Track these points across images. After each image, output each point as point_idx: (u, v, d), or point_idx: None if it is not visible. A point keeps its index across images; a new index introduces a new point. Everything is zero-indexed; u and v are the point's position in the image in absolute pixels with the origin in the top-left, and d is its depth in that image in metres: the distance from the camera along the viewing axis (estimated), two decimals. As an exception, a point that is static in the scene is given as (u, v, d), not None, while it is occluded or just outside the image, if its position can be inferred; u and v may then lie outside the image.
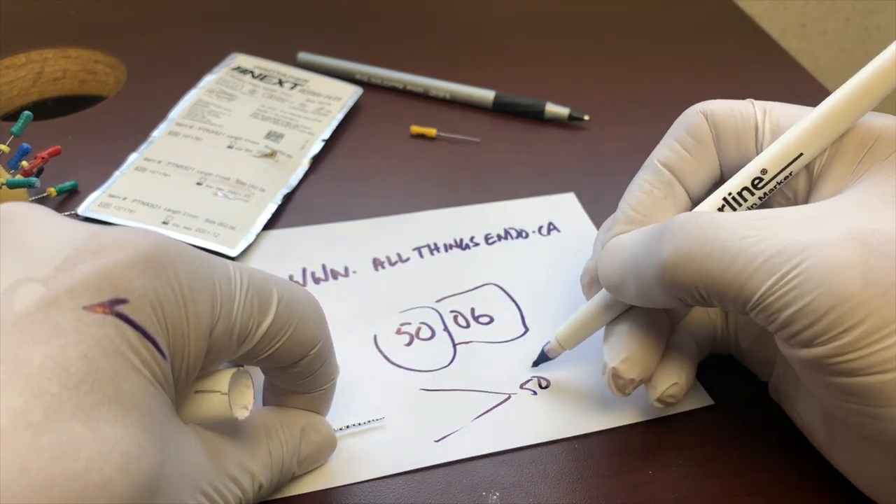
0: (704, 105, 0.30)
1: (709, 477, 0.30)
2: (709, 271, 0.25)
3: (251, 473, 0.25)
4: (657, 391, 0.31)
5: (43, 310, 0.19)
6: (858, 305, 0.23)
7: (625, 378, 0.30)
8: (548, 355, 0.33)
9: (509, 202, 0.43)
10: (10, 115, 0.50)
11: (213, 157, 0.43)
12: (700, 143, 0.30)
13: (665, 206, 0.30)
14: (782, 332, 0.25)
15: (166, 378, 0.21)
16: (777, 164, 0.28)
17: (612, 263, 0.29)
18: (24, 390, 0.18)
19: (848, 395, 0.24)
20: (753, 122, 0.29)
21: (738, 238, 0.25)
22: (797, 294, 0.24)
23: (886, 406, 0.23)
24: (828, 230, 0.24)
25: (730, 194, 0.28)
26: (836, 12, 0.95)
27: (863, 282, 0.23)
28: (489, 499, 0.29)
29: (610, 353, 0.30)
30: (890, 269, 0.23)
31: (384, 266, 0.39)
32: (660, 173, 0.30)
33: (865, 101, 0.27)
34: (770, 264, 0.24)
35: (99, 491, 0.17)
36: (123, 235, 0.21)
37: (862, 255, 0.23)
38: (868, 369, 0.23)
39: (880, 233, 0.24)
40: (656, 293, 0.27)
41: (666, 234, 0.26)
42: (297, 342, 0.25)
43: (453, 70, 0.52)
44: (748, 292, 0.25)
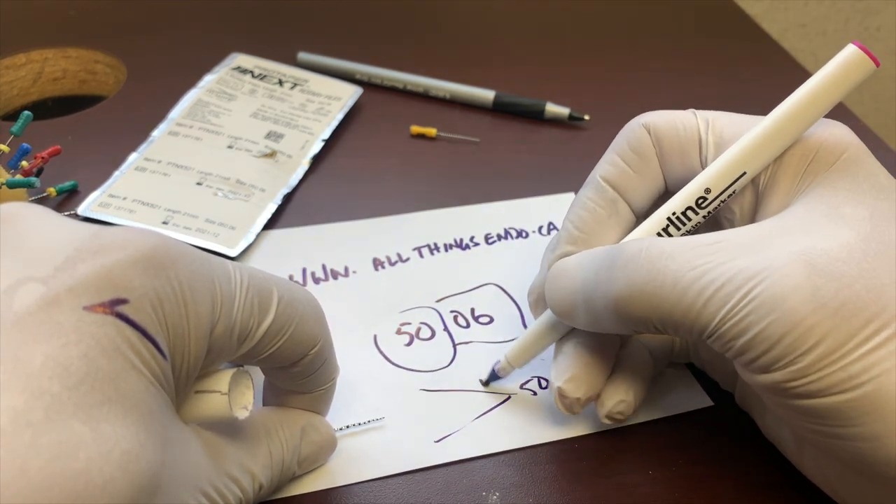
0: (647, 118, 0.30)
1: (709, 477, 0.30)
2: (661, 304, 0.25)
3: (251, 473, 0.25)
4: (605, 408, 0.31)
5: (43, 309, 0.19)
6: (810, 329, 0.23)
7: (570, 397, 0.30)
8: (498, 374, 0.33)
9: (509, 202, 0.43)
10: (10, 115, 0.50)
11: (213, 157, 0.43)
12: (642, 159, 0.30)
13: (608, 224, 0.30)
14: (740, 359, 0.25)
15: (166, 378, 0.21)
16: (720, 182, 0.28)
17: (559, 290, 0.29)
18: (24, 390, 0.17)
19: (808, 416, 0.24)
20: (696, 135, 0.29)
21: (690, 268, 0.25)
22: (750, 322, 0.24)
23: (846, 426, 0.23)
24: (775, 254, 0.24)
25: (674, 214, 0.28)
26: (836, 12, 0.95)
27: (812, 305, 0.23)
28: (489, 499, 0.29)
29: (556, 372, 0.30)
30: (838, 289, 0.23)
31: (384, 266, 0.39)
32: (603, 191, 0.30)
33: (807, 116, 0.27)
34: (721, 294, 0.24)
35: (99, 490, 0.17)
36: (123, 235, 0.21)
37: (809, 277, 0.23)
38: (825, 391, 0.23)
39: (826, 252, 0.24)
40: (608, 323, 0.28)
41: (617, 266, 0.26)
42: (298, 342, 0.25)
43: (453, 70, 0.52)
44: (702, 323, 0.25)
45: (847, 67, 0.26)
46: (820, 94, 0.27)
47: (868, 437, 0.23)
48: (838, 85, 0.27)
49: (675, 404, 0.33)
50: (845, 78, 0.26)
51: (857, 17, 0.96)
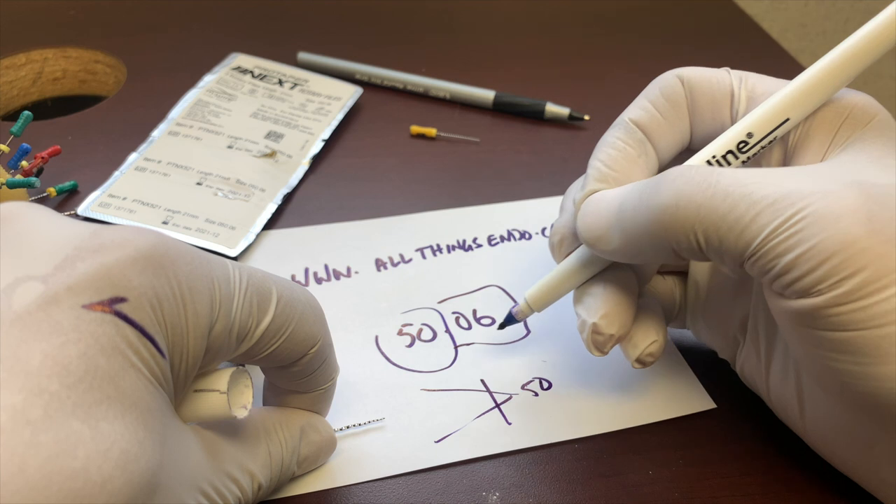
0: (681, 70, 0.30)
1: (709, 477, 0.30)
2: (709, 214, 0.25)
3: (250, 473, 0.25)
4: (638, 349, 0.30)
5: (42, 308, 0.19)
6: (862, 251, 0.22)
7: (605, 334, 0.29)
8: (515, 317, 0.33)
9: (512, 203, 0.43)
10: (10, 115, 0.50)
11: (213, 157, 0.43)
12: (674, 106, 0.29)
13: (638, 164, 0.29)
14: (778, 282, 0.24)
15: (165, 377, 0.21)
16: (763, 127, 0.27)
17: (594, 214, 0.28)
18: (23, 388, 0.17)
19: (839, 352, 0.23)
20: (729, 89, 0.29)
21: (741, 184, 0.24)
22: (800, 238, 0.23)
23: (880, 363, 0.23)
24: (828, 179, 0.24)
25: (714, 157, 0.28)
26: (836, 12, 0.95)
27: (867, 228, 0.23)
28: (489, 499, 0.29)
29: (587, 310, 0.30)
30: (892, 219, 0.23)
31: (386, 267, 0.39)
32: (631, 131, 0.29)
33: (851, 67, 0.27)
34: (773, 208, 0.24)
35: (98, 489, 0.17)
36: (123, 234, 0.21)
37: (865, 203, 0.23)
38: (864, 323, 0.23)
39: (879, 185, 0.24)
40: (645, 242, 0.27)
41: (665, 181, 0.26)
42: (297, 341, 0.25)
43: (453, 70, 0.53)
44: (749, 236, 0.24)
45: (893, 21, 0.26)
46: (867, 43, 0.26)
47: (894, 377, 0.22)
48: (885, 36, 0.26)
49: (678, 406, 0.33)
50: (891, 32, 0.26)
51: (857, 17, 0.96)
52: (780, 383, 0.29)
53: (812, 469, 0.30)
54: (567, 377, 0.34)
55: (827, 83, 0.27)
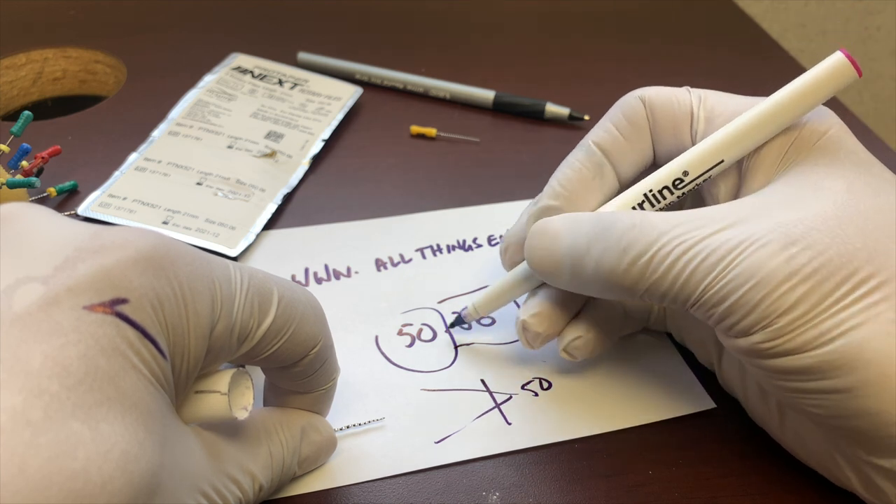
0: (643, 90, 0.31)
1: (709, 477, 0.30)
2: (651, 275, 0.27)
3: (251, 474, 0.25)
4: (563, 341, 0.32)
5: (43, 309, 0.19)
6: (785, 294, 0.25)
7: (532, 331, 0.32)
8: (463, 319, 0.35)
9: (512, 203, 0.43)
10: (10, 115, 0.50)
11: (213, 157, 0.43)
12: (635, 128, 0.31)
13: (592, 186, 0.31)
14: (721, 325, 0.26)
15: (166, 378, 0.21)
16: (697, 167, 0.29)
17: (542, 249, 0.30)
18: (23, 389, 0.17)
19: (785, 374, 0.26)
20: (689, 110, 0.30)
21: (678, 242, 0.26)
22: (729, 290, 0.25)
23: (820, 380, 0.25)
24: (755, 227, 0.26)
25: (650, 191, 0.30)
26: (836, 12, 0.95)
27: (786, 272, 0.25)
28: (489, 499, 0.29)
29: (524, 308, 0.32)
30: (812, 257, 0.25)
31: (386, 267, 0.39)
32: (591, 153, 0.31)
33: (786, 115, 0.28)
34: (706, 265, 0.26)
35: (98, 490, 0.17)
36: (123, 235, 0.21)
37: (785, 248, 0.25)
38: (799, 349, 0.25)
39: (801, 221, 0.26)
40: (595, 289, 0.29)
41: (611, 235, 0.28)
42: (298, 342, 0.25)
43: (453, 70, 0.53)
44: (688, 292, 0.26)
45: (831, 73, 0.28)
46: (802, 95, 0.28)
47: (840, 390, 0.24)
48: (820, 89, 0.28)
49: (677, 406, 0.33)
50: (828, 83, 0.28)
51: (857, 17, 0.96)
52: (759, 399, 0.30)
53: (811, 469, 0.30)
54: (567, 377, 0.34)
55: (760, 128, 0.28)
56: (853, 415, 0.25)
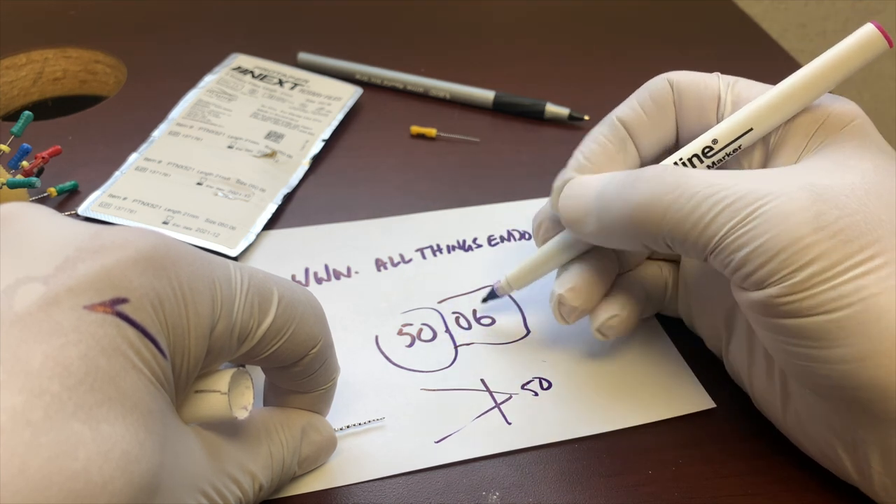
0: (672, 73, 0.32)
1: (709, 477, 0.30)
2: (675, 215, 0.27)
3: (251, 474, 0.25)
4: (598, 320, 0.32)
5: (43, 309, 0.19)
6: (808, 247, 0.24)
7: (568, 305, 0.32)
8: (496, 293, 0.36)
9: (512, 203, 0.43)
10: (10, 115, 0.50)
11: (213, 157, 0.43)
12: (659, 108, 0.31)
13: (616, 159, 0.32)
14: (737, 274, 0.26)
15: (166, 378, 0.21)
16: (727, 136, 0.29)
17: (575, 198, 0.31)
18: (23, 389, 0.17)
19: (795, 337, 0.25)
20: (716, 93, 0.31)
21: (707, 185, 0.27)
22: (752, 236, 0.25)
23: (830, 347, 0.24)
24: (786, 182, 0.26)
25: (680, 158, 0.30)
26: (836, 12, 0.95)
27: (813, 226, 0.25)
28: (489, 499, 0.29)
29: (559, 283, 0.32)
30: (839, 216, 0.25)
31: (386, 267, 0.39)
32: (616, 128, 0.32)
33: (817, 86, 0.28)
34: (732, 209, 0.26)
35: (98, 490, 0.17)
36: (124, 235, 0.21)
37: (814, 203, 0.25)
38: (814, 309, 0.24)
39: (833, 187, 0.26)
40: (619, 232, 0.29)
41: (641, 179, 0.28)
42: (298, 342, 0.25)
43: (453, 70, 0.52)
44: (709, 234, 0.26)
45: (861, 44, 0.28)
46: (832, 66, 0.28)
47: (850, 358, 0.24)
48: (850, 60, 0.28)
49: (678, 406, 0.33)
50: (858, 54, 0.28)
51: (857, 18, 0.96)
52: (764, 379, 0.30)
53: (811, 469, 0.30)
54: (567, 377, 0.34)
55: (792, 99, 0.29)
56: (861, 385, 0.24)
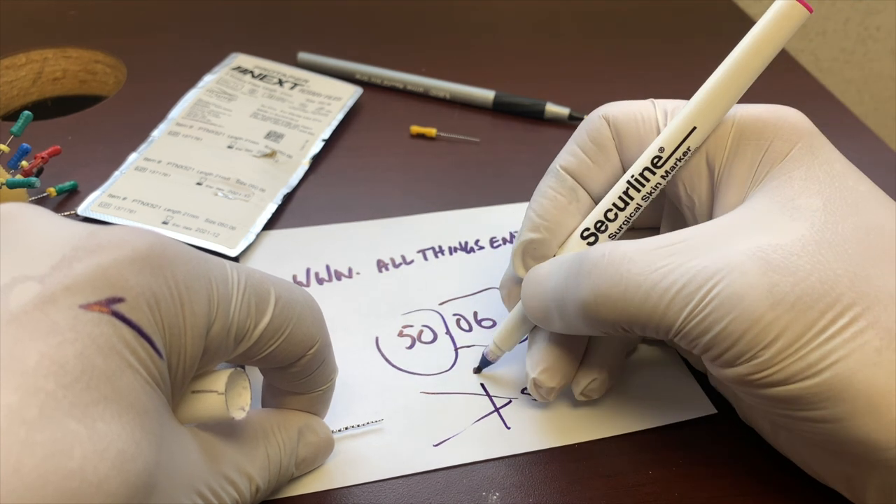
0: (606, 109, 0.31)
1: (708, 477, 0.30)
2: (626, 307, 0.26)
3: (248, 476, 0.25)
4: (579, 387, 0.31)
5: (39, 308, 0.19)
6: (769, 325, 0.24)
7: (545, 387, 0.31)
8: (488, 359, 0.34)
9: (514, 205, 0.43)
10: (10, 115, 0.50)
11: (213, 157, 0.43)
12: (601, 149, 0.31)
13: (569, 210, 0.31)
14: (705, 356, 0.26)
15: (163, 377, 0.21)
16: (673, 140, 0.29)
17: (534, 296, 0.30)
18: (19, 387, 0.17)
19: (775, 403, 0.25)
20: (654, 124, 0.30)
21: (651, 271, 0.26)
22: (712, 321, 0.25)
23: (810, 409, 0.24)
24: (733, 251, 0.25)
25: (632, 177, 0.29)
26: (836, 12, 0.95)
27: (769, 301, 0.24)
28: (489, 499, 0.29)
29: (531, 363, 0.32)
30: (793, 284, 0.24)
31: (388, 268, 0.39)
32: (563, 179, 0.31)
33: (749, 69, 0.28)
34: (683, 294, 0.25)
35: (94, 489, 0.17)
36: (120, 234, 0.21)
37: (765, 274, 0.24)
38: (788, 380, 0.24)
39: (781, 247, 0.25)
40: (582, 327, 0.28)
41: (582, 273, 0.27)
42: (295, 342, 0.25)
43: (453, 70, 0.52)
44: (667, 324, 0.26)
45: (782, 16, 0.27)
46: (759, 46, 0.28)
47: (831, 420, 0.24)
48: (774, 34, 0.27)
49: (679, 412, 0.33)
50: (780, 27, 0.27)
51: (857, 17, 0.96)
52: (752, 410, 0.30)
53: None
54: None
55: (727, 88, 0.28)
56: (845, 441, 0.24)
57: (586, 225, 0.30)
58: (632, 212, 0.30)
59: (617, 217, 0.30)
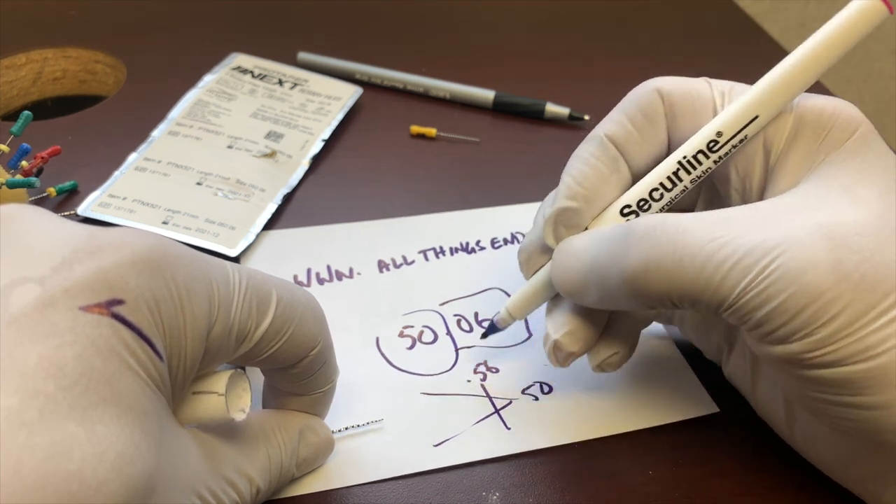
0: (660, 82, 0.29)
1: (709, 477, 0.30)
2: (680, 277, 0.25)
3: (249, 478, 0.25)
4: (598, 357, 0.30)
5: (39, 310, 0.19)
6: (831, 301, 0.23)
7: (565, 351, 0.30)
8: (497, 326, 0.33)
9: (515, 206, 0.43)
10: (9, 115, 0.50)
11: (212, 157, 0.43)
12: (650, 121, 0.29)
13: (609, 181, 0.29)
14: (757, 331, 0.25)
15: (162, 379, 0.21)
16: (732, 126, 0.27)
17: (569, 268, 0.29)
18: (18, 390, 0.17)
19: (821, 386, 0.24)
20: (711, 104, 0.29)
21: (707, 241, 0.25)
22: (770, 294, 0.24)
23: (859, 394, 0.24)
24: (794, 227, 0.24)
25: (685, 157, 0.28)
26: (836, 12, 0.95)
27: (834, 277, 0.23)
28: (489, 499, 0.29)
29: (553, 325, 0.30)
30: (858, 262, 0.23)
31: (389, 268, 0.39)
32: (605, 147, 0.29)
33: (819, 62, 0.27)
34: (741, 266, 0.24)
35: (93, 492, 0.17)
36: (120, 236, 0.21)
37: (830, 251, 0.24)
38: (842, 361, 0.23)
39: (844, 226, 0.24)
40: (623, 300, 0.27)
41: (632, 242, 0.26)
42: (297, 343, 0.25)
43: (453, 70, 0.52)
44: (721, 296, 0.25)
45: (861, 13, 0.26)
46: (833, 40, 0.26)
47: (878, 406, 0.23)
48: (851, 31, 0.26)
49: (680, 410, 0.33)
50: (858, 24, 0.26)
51: (859, 17, 0.96)
52: (768, 398, 0.30)
53: (811, 470, 0.30)
54: (569, 381, 0.34)
55: (795, 79, 0.27)
56: (888, 430, 0.24)
57: (627, 202, 0.29)
58: (678, 193, 0.28)
59: (662, 197, 0.28)
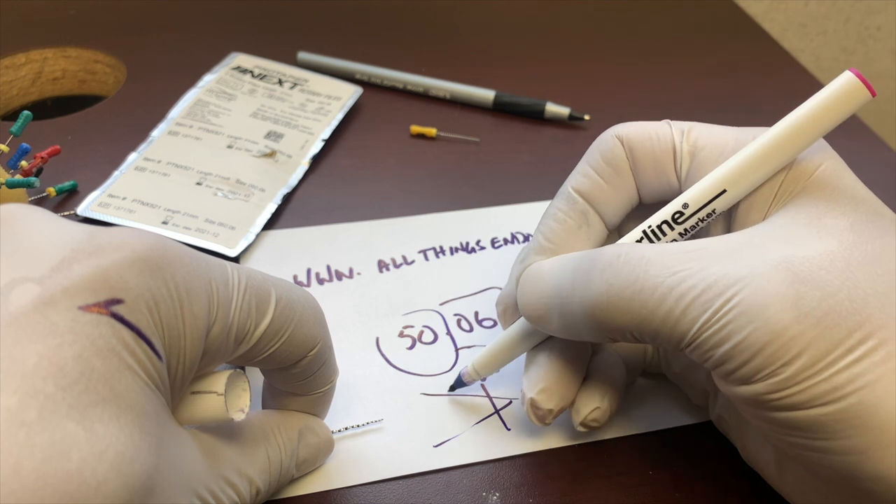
0: (620, 129, 0.29)
1: (709, 477, 0.30)
2: (640, 310, 0.24)
3: (248, 478, 0.25)
4: (580, 415, 0.30)
5: (38, 309, 0.19)
6: (793, 339, 0.22)
7: (542, 409, 0.29)
8: (464, 381, 0.32)
9: (515, 206, 0.43)
10: (9, 114, 0.50)
11: (212, 157, 0.43)
12: (615, 171, 0.29)
13: (578, 235, 0.29)
14: (719, 370, 0.24)
15: (162, 379, 0.21)
16: (699, 199, 0.27)
17: (532, 293, 0.28)
18: (18, 389, 0.17)
19: (790, 429, 0.23)
20: (671, 145, 0.28)
21: (670, 273, 0.24)
22: (731, 330, 0.23)
23: (829, 438, 0.22)
24: (756, 261, 0.24)
25: (649, 227, 0.28)
26: (836, 12, 0.95)
27: (795, 313, 0.22)
28: (489, 499, 0.29)
29: (528, 383, 0.30)
30: (821, 299, 0.22)
31: (389, 268, 0.39)
32: (574, 202, 0.29)
33: (796, 144, 0.26)
34: (701, 300, 0.23)
35: (92, 492, 0.17)
36: (120, 236, 0.21)
37: (792, 285, 0.23)
38: (808, 403, 0.22)
39: (808, 260, 0.23)
40: (584, 330, 0.27)
41: (595, 270, 0.26)
42: (296, 343, 0.25)
43: (453, 70, 0.52)
44: (681, 331, 0.24)
45: (842, 95, 0.25)
46: (812, 120, 0.26)
47: (852, 451, 0.22)
48: (831, 113, 0.25)
49: (680, 416, 0.33)
50: (839, 106, 0.25)
51: (857, 17, 0.96)
52: (757, 446, 0.28)
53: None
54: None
55: (769, 159, 0.26)
56: (864, 477, 0.22)
57: None
58: None
59: None
